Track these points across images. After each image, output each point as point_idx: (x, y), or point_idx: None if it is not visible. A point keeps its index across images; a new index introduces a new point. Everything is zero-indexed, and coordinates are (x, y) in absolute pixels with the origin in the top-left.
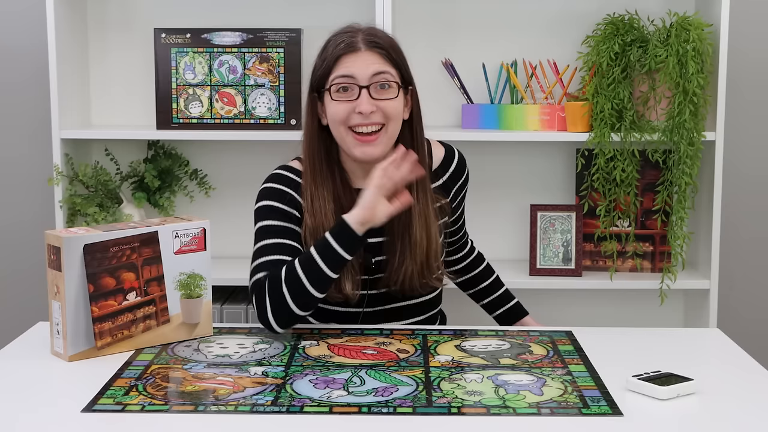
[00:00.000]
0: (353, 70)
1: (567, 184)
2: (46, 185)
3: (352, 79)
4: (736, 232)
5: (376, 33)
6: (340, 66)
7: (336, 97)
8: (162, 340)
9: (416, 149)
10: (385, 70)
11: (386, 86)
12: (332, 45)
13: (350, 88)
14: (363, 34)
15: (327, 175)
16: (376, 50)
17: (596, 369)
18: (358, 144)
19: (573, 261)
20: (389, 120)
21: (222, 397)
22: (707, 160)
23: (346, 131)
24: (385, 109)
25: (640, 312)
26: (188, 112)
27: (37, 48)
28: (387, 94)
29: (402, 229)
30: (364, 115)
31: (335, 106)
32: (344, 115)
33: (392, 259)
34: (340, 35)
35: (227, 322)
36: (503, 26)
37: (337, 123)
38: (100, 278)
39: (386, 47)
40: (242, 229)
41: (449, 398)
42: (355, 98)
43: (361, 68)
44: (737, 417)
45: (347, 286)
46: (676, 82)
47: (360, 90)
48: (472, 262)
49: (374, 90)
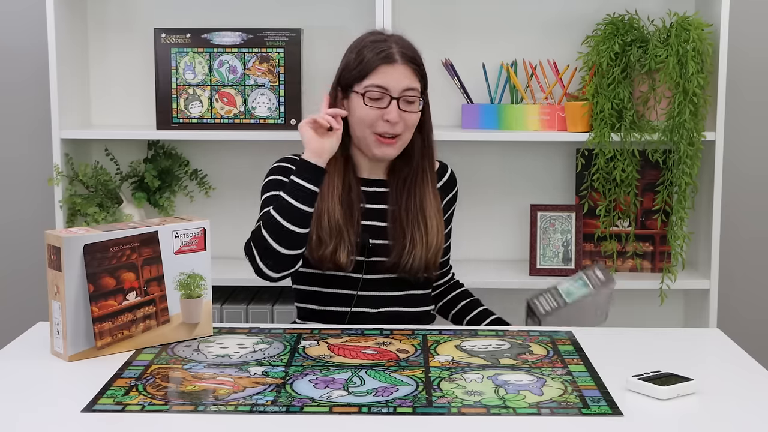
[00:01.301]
0: (389, 81)
1: (567, 184)
2: (46, 185)
3: (385, 90)
4: (736, 232)
5: (407, 45)
6: (377, 75)
7: (368, 103)
8: (162, 340)
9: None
10: (414, 86)
11: (413, 102)
12: (370, 50)
13: (383, 97)
14: (397, 46)
15: (339, 161)
16: (409, 65)
17: (596, 369)
18: (378, 144)
19: (573, 261)
20: (407, 129)
21: (222, 397)
22: (707, 160)
23: (371, 133)
24: (408, 121)
25: (640, 312)
26: (188, 112)
27: (37, 48)
28: (412, 107)
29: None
30: (391, 124)
31: (365, 110)
32: (372, 120)
33: (399, 244)
34: (376, 43)
35: (227, 322)
36: (503, 26)
37: (363, 125)
38: (100, 278)
39: (418, 62)
40: (242, 229)
41: (449, 398)
42: (384, 107)
43: (395, 81)
44: (737, 417)
45: (342, 255)
46: (676, 82)
47: (391, 100)
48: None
49: (402, 103)
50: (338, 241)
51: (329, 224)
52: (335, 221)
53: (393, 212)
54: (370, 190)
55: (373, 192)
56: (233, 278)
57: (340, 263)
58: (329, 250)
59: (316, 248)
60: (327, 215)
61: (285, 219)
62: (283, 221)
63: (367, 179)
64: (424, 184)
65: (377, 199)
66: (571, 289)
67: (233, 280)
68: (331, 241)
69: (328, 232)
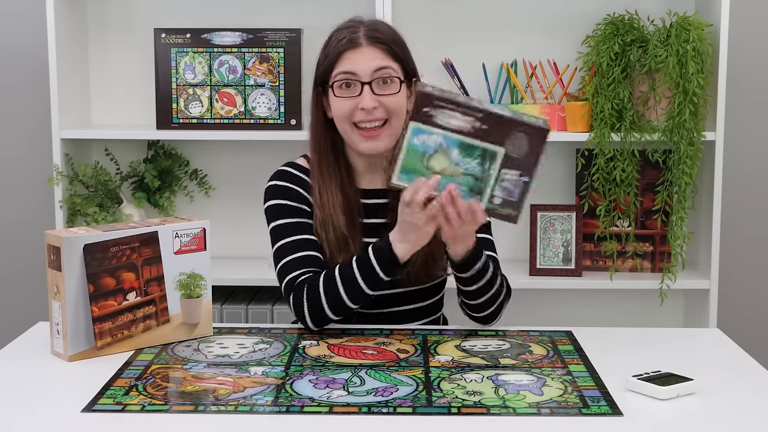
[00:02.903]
0: (355, 66)
1: (567, 184)
2: (46, 185)
3: (354, 76)
4: (736, 232)
5: (377, 27)
6: (342, 62)
7: (339, 93)
8: (162, 340)
9: None
10: (386, 65)
11: (388, 81)
12: (335, 40)
13: (353, 84)
14: (365, 29)
15: (334, 167)
16: (377, 45)
17: (596, 369)
18: (362, 139)
19: (573, 261)
20: (392, 115)
21: (222, 397)
22: (707, 160)
23: (351, 127)
24: (388, 105)
25: (640, 312)
26: (188, 112)
27: (37, 48)
28: (389, 89)
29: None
30: (367, 111)
31: (338, 103)
32: (347, 111)
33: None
34: (342, 30)
35: (227, 322)
36: (503, 26)
37: (341, 119)
38: (100, 278)
39: (388, 41)
40: (242, 229)
41: (449, 398)
42: (357, 94)
43: (362, 64)
44: (737, 417)
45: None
46: (676, 82)
47: (362, 86)
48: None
49: (376, 86)
50: (346, 256)
51: (335, 236)
52: (340, 233)
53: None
54: (369, 202)
55: (373, 205)
56: (233, 278)
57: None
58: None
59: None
60: (332, 226)
61: (350, 298)
62: (347, 300)
63: (367, 190)
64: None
65: (377, 213)
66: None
67: (233, 280)
68: (339, 255)
69: (336, 246)
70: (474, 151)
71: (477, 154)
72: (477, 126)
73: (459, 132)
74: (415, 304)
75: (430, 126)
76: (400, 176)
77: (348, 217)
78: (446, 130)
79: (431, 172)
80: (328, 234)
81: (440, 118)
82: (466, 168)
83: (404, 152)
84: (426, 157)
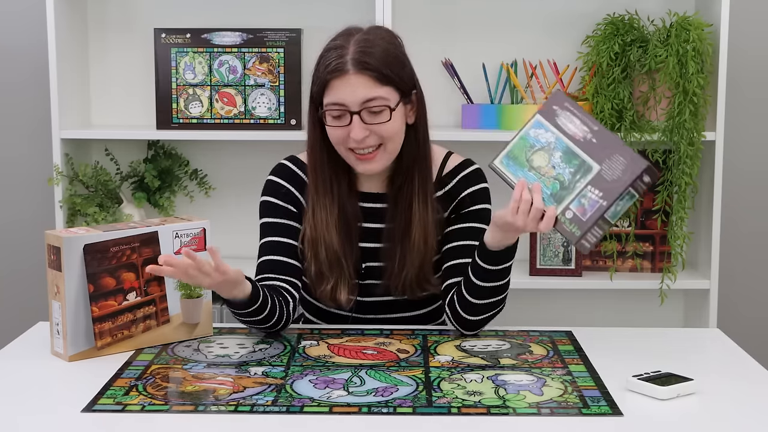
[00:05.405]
0: (343, 97)
1: None
2: (46, 185)
3: (343, 107)
4: (736, 231)
5: (367, 47)
6: (331, 92)
7: (330, 122)
8: (162, 340)
9: (421, 154)
10: (374, 96)
11: (378, 111)
12: (323, 63)
13: (342, 114)
14: (353, 50)
15: (332, 183)
16: (365, 73)
17: (596, 369)
18: (359, 162)
19: (573, 261)
20: (386, 140)
21: (222, 397)
22: (707, 160)
23: (346, 151)
24: (379, 132)
25: (640, 312)
26: (188, 112)
27: (37, 48)
28: (379, 118)
29: (401, 236)
30: (358, 141)
31: (331, 131)
32: (341, 138)
33: (391, 264)
34: (330, 51)
35: (227, 322)
36: (503, 26)
37: (336, 144)
38: (100, 278)
39: (377, 66)
40: (242, 229)
41: (449, 398)
42: (348, 124)
43: (350, 94)
44: (737, 417)
45: (342, 294)
46: (676, 82)
47: (351, 116)
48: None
49: (366, 115)
50: (338, 276)
51: (327, 256)
52: (333, 252)
53: (388, 231)
54: (368, 206)
55: (371, 209)
56: None
57: (340, 302)
58: (330, 286)
59: (317, 283)
60: (324, 246)
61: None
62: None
63: (366, 193)
64: (413, 192)
65: (375, 217)
66: (619, 209)
67: None
68: (332, 276)
69: (327, 265)
70: (574, 159)
71: (575, 163)
72: (588, 138)
73: (572, 138)
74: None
75: (550, 123)
76: (503, 159)
77: (343, 235)
78: (562, 132)
79: (529, 165)
80: (319, 254)
81: (562, 119)
82: (558, 173)
83: (517, 139)
84: (532, 150)
